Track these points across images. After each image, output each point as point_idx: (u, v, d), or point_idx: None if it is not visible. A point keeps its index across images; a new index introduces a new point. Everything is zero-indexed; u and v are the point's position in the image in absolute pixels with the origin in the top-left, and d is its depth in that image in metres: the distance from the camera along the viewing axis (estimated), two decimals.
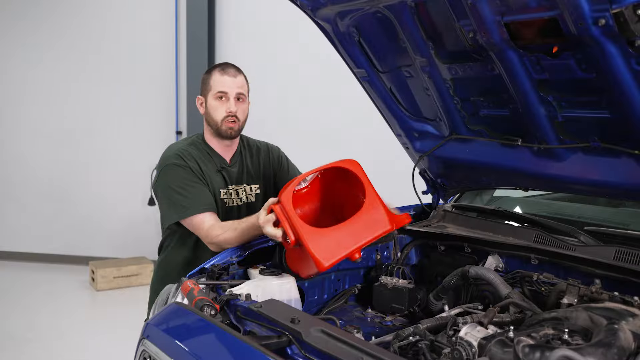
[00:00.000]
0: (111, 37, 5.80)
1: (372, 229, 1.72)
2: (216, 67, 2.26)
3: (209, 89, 2.23)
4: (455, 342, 1.29)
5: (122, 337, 3.95)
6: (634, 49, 1.34)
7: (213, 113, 2.22)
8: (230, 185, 2.28)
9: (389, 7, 1.78)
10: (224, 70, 2.22)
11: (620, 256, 1.65)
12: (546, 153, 1.85)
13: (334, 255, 1.64)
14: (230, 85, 2.20)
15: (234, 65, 2.28)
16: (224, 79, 2.20)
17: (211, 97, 2.22)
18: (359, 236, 1.69)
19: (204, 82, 2.27)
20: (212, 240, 2.04)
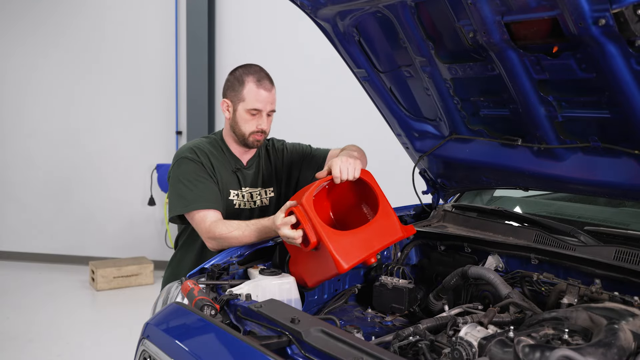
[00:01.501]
0: (111, 37, 5.80)
1: (385, 235, 1.77)
2: (250, 75, 2.14)
3: (241, 98, 2.13)
4: (455, 342, 1.29)
5: (122, 337, 3.97)
6: (634, 49, 1.34)
7: (242, 124, 2.16)
8: (244, 187, 2.25)
9: (389, 7, 1.78)
10: (260, 83, 2.13)
11: (620, 256, 1.65)
12: (546, 153, 1.85)
13: (353, 258, 1.67)
14: (266, 101, 2.13)
15: (267, 74, 2.18)
16: (259, 93, 2.12)
17: (243, 109, 2.14)
18: (374, 241, 1.74)
19: (233, 88, 2.16)
20: (213, 236, 1.99)
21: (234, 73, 2.19)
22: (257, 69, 2.18)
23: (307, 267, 1.81)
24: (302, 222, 1.68)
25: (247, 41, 5.48)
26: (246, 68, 2.18)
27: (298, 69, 5.22)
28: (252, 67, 2.18)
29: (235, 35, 5.52)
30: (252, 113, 2.13)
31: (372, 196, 1.85)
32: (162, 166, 5.71)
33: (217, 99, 5.64)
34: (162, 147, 5.80)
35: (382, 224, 1.78)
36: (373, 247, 1.73)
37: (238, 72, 2.18)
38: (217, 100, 5.64)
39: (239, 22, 5.51)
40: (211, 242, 2.02)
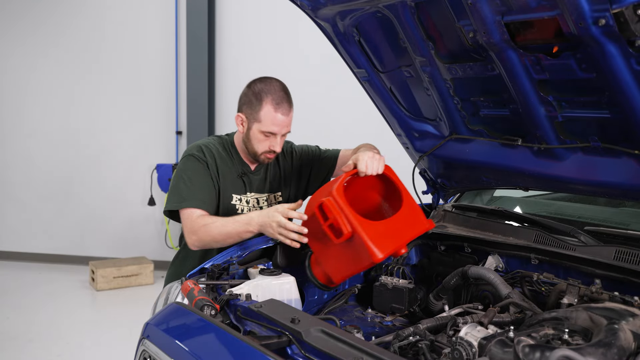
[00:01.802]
0: (111, 37, 5.80)
1: (413, 227, 1.79)
2: (269, 95, 2.07)
3: (257, 119, 2.08)
4: (456, 342, 1.29)
5: (122, 337, 3.97)
6: (634, 49, 1.34)
7: (255, 143, 2.12)
8: (249, 192, 2.22)
9: (389, 7, 1.78)
10: (279, 106, 2.06)
11: (620, 256, 1.65)
12: (546, 153, 1.85)
13: (387, 247, 1.66)
14: (282, 125, 2.08)
15: (286, 94, 2.11)
16: (276, 117, 2.06)
17: (257, 129, 2.08)
18: (404, 232, 1.75)
19: (250, 105, 2.09)
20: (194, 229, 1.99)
21: (253, 88, 2.11)
22: (277, 86, 2.10)
23: (334, 262, 1.78)
24: (335, 213, 1.65)
25: (247, 41, 5.48)
26: (266, 85, 2.10)
27: (298, 69, 5.22)
28: (272, 85, 2.10)
29: (235, 36, 5.53)
30: (266, 135, 2.09)
31: (392, 192, 1.87)
32: (162, 166, 5.71)
33: (217, 99, 5.64)
34: (162, 147, 5.80)
35: (409, 215, 1.78)
36: (403, 238, 1.73)
37: (257, 89, 2.09)
38: (217, 100, 5.64)
39: (239, 23, 5.51)
40: (192, 237, 2.01)
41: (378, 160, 1.84)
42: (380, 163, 1.84)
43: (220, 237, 1.96)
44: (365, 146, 2.22)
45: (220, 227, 1.95)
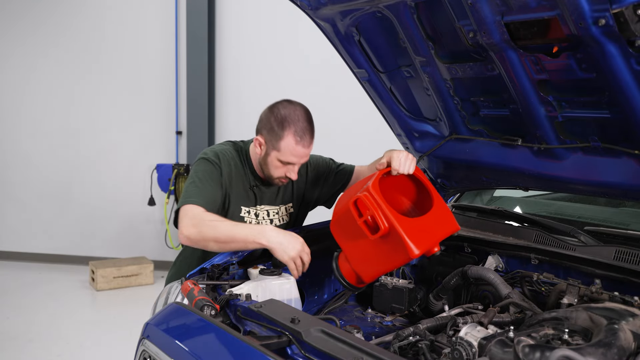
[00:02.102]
0: (111, 37, 5.80)
1: (445, 226, 1.77)
2: (292, 125, 1.96)
3: (277, 147, 1.99)
4: (455, 342, 1.29)
5: (122, 337, 3.97)
6: (634, 49, 1.34)
7: (271, 168, 2.05)
8: (259, 204, 2.16)
9: (389, 7, 1.78)
10: (301, 139, 1.97)
11: (620, 256, 1.65)
12: (546, 153, 1.85)
13: (423, 244, 1.64)
14: (302, 156, 2.01)
15: (310, 125, 2.01)
16: (297, 150, 1.98)
17: (275, 157, 2.01)
18: (437, 230, 1.73)
19: (271, 131, 1.99)
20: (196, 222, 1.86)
21: (276, 114, 1.99)
22: (302, 115, 1.99)
23: (366, 260, 1.75)
24: (373, 208, 1.63)
25: (247, 41, 5.48)
26: (290, 112, 1.99)
27: (298, 69, 5.22)
28: (297, 113, 1.99)
29: (235, 36, 5.53)
30: (284, 163, 2.02)
31: (420, 193, 1.87)
32: (162, 166, 5.71)
33: (217, 99, 5.64)
34: (162, 147, 5.80)
35: (440, 215, 1.77)
36: (436, 236, 1.72)
37: (280, 115, 1.98)
38: (217, 100, 5.64)
39: (239, 22, 5.51)
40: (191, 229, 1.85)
41: (411, 160, 1.84)
42: (412, 163, 1.83)
43: (224, 237, 1.83)
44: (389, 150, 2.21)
45: (230, 227, 1.84)
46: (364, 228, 1.66)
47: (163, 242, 5.81)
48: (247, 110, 5.51)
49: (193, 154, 5.60)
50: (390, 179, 1.84)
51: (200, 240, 1.85)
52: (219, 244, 1.85)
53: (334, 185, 2.32)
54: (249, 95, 5.47)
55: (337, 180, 2.32)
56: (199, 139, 5.56)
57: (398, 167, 1.81)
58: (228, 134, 5.60)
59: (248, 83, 5.48)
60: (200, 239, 1.85)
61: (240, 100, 5.54)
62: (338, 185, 2.33)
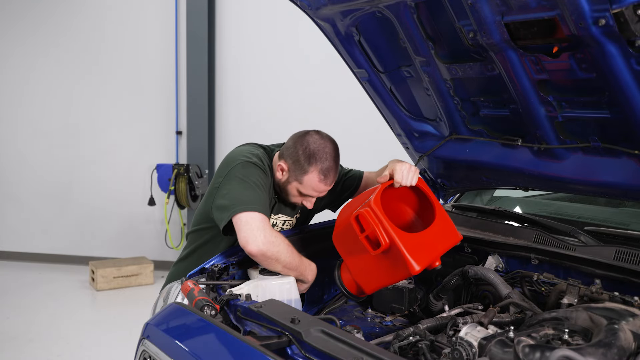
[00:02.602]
0: (111, 37, 5.80)
1: (447, 239, 1.78)
2: (319, 164, 1.93)
3: (299, 180, 1.97)
4: (456, 342, 1.29)
5: (122, 337, 3.97)
6: (634, 49, 1.34)
7: (289, 196, 2.04)
8: (276, 214, 2.15)
9: (389, 7, 1.78)
10: (325, 177, 1.95)
11: (620, 256, 1.65)
12: (546, 153, 1.85)
13: (423, 260, 1.65)
14: (321, 192, 2.02)
15: (336, 162, 1.98)
16: (319, 187, 1.97)
17: (295, 187, 1.99)
18: (438, 245, 1.74)
19: (296, 162, 1.95)
20: (274, 239, 1.80)
21: (304, 147, 1.95)
22: (330, 153, 1.96)
23: (368, 273, 1.77)
24: (373, 224, 1.63)
25: (247, 41, 5.48)
26: (319, 148, 1.95)
27: (298, 69, 5.22)
28: (326, 150, 1.95)
29: (235, 36, 5.53)
30: (302, 195, 2.02)
31: (423, 204, 1.87)
32: (162, 166, 5.71)
33: (217, 99, 5.64)
34: (162, 147, 5.80)
35: (442, 228, 1.78)
36: (438, 250, 1.72)
37: (309, 149, 1.94)
38: (217, 100, 5.64)
39: (239, 22, 5.51)
40: (270, 246, 1.78)
41: (414, 172, 1.84)
42: (415, 175, 1.84)
43: (292, 265, 1.82)
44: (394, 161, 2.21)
45: (298, 259, 1.85)
46: (366, 243, 1.66)
47: (163, 242, 5.81)
48: (247, 110, 5.52)
49: (193, 154, 5.60)
50: (393, 189, 1.85)
51: (272, 259, 1.79)
52: (281, 268, 1.82)
53: (342, 192, 2.31)
54: (249, 95, 5.47)
55: (346, 187, 2.31)
56: (199, 139, 5.56)
57: (400, 180, 1.81)
58: (228, 134, 5.60)
59: (248, 83, 5.48)
60: (272, 258, 1.79)
61: (240, 100, 5.54)
62: (346, 192, 2.32)
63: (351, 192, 2.32)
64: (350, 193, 2.32)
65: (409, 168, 1.83)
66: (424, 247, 1.67)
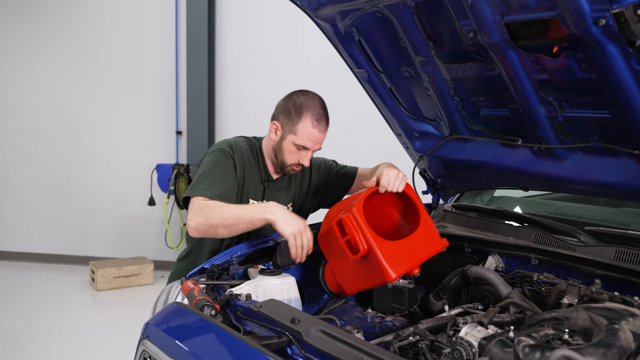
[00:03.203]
0: (111, 37, 5.80)
1: (428, 247, 1.80)
2: (309, 110, 2.05)
3: (293, 131, 2.07)
4: (456, 342, 1.29)
5: (122, 337, 3.97)
6: (634, 49, 1.34)
7: (285, 154, 2.11)
8: (267, 199, 2.19)
9: (389, 7, 1.78)
10: (318, 123, 2.06)
11: (620, 256, 1.65)
12: (546, 153, 1.85)
13: (401, 267, 1.68)
14: (316, 141, 2.08)
15: (326, 112, 2.10)
16: (313, 133, 2.06)
17: (291, 141, 2.08)
18: (418, 252, 1.76)
19: (288, 116, 2.07)
20: (206, 210, 1.88)
21: (294, 100, 2.08)
22: (318, 102, 2.09)
23: (348, 276, 1.80)
24: (353, 230, 1.68)
25: (247, 41, 5.48)
26: (307, 98, 2.08)
27: (298, 69, 5.22)
28: (314, 100, 2.09)
29: (235, 36, 5.53)
30: (298, 148, 2.08)
31: (410, 209, 1.89)
32: (162, 166, 5.71)
33: (217, 99, 5.64)
34: (162, 147, 5.80)
35: (425, 235, 1.81)
36: (417, 258, 1.75)
37: (298, 101, 2.07)
38: (217, 100, 5.64)
39: (239, 22, 5.51)
40: (199, 219, 1.88)
41: (401, 178, 1.87)
42: (402, 182, 1.87)
43: (232, 220, 1.86)
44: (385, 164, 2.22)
45: (235, 209, 1.88)
46: (346, 248, 1.71)
47: (163, 242, 5.81)
48: (247, 110, 5.52)
49: (193, 154, 5.60)
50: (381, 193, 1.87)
51: (209, 228, 1.88)
52: (227, 228, 1.88)
53: (336, 189, 2.35)
54: (249, 95, 5.47)
55: (340, 184, 2.35)
56: (199, 139, 5.56)
57: (386, 185, 1.84)
58: (228, 134, 5.59)
59: (248, 83, 5.48)
60: (208, 227, 1.88)
61: (240, 100, 5.54)
62: (341, 188, 2.35)
63: (345, 189, 2.35)
64: (345, 189, 2.35)
65: (397, 175, 1.86)
66: (403, 254, 1.71)
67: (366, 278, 1.74)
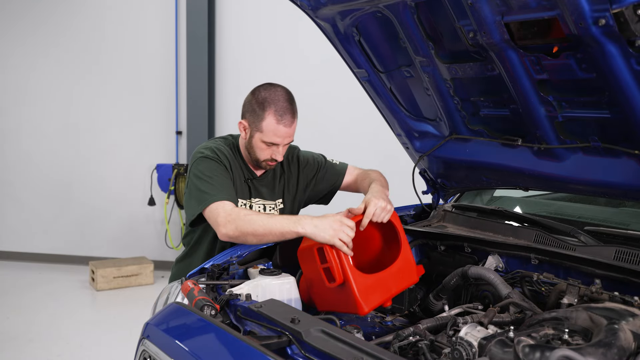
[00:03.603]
0: (111, 37, 5.80)
1: (403, 280, 1.83)
2: (272, 105, 2.01)
3: (259, 129, 2.03)
4: (456, 342, 1.29)
5: (122, 337, 3.97)
6: (634, 49, 1.34)
7: (257, 151, 2.08)
8: (254, 198, 2.18)
9: (389, 7, 1.78)
10: (281, 118, 2.01)
11: (620, 256, 1.65)
12: (546, 153, 1.85)
13: (373, 301, 1.72)
14: (284, 136, 2.04)
15: (291, 104, 2.04)
16: (278, 129, 2.01)
17: (259, 138, 2.05)
18: (392, 286, 1.79)
19: (253, 113, 2.04)
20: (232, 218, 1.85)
21: (257, 96, 2.05)
22: (281, 96, 2.03)
23: (321, 296, 1.81)
24: (333, 260, 1.70)
25: (247, 41, 5.48)
26: (270, 93, 2.03)
27: (298, 69, 5.22)
28: (277, 94, 2.03)
29: (235, 36, 5.53)
30: (267, 144, 2.06)
31: (393, 236, 1.89)
32: (162, 166, 5.71)
33: (217, 99, 5.64)
34: (162, 147, 5.80)
35: (402, 268, 1.82)
36: (390, 291, 1.77)
37: (261, 97, 2.03)
38: (217, 100, 5.64)
39: (239, 22, 5.51)
40: (229, 226, 1.86)
41: (387, 212, 1.86)
42: (388, 215, 1.86)
43: (262, 229, 1.82)
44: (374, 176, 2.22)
45: (266, 220, 1.83)
46: (323, 275, 1.73)
47: (163, 242, 5.81)
48: None
49: None
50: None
51: (240, 236, 1.86)
52: (257, 237, 1.85)
53: (324, 185, 2.33)
54: None
55: (327, 181, 2.32)
56: (199, 139, 5.56)
57: (370, 216, 1.83)
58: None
59: (248, 83, 5.41)
60: (239, 235, 1.86)
61: (240, 100, 5.52)
62: (328, 186, 2.33)
63: (334, 186, 2.34)
64: (333, 187, 2.34)
65: (383, 207, 1.84)
66: (378, 288, 1.73)
67: (338, 305, 1.76)
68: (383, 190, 2.03)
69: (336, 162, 2.37)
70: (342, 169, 2.35)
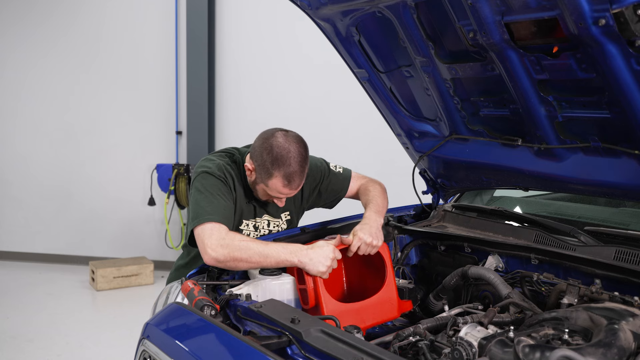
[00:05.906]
0: (111, 37, 5.80)
1: (381, 313, 1.82)
2: (282, 169, 1.90)
3: (265, 182, 1.95)
4: (456, 342, 1.29)
5: (122, 337, 3.97)
6: (634, 49, 1.34)
7: (259, 194, 2.04)
8: (259, 216, 2.14)
9: (389, 7, 1.78)
10: (289, 183, 1.93)
11: (620, 256, 1.65)
12: (546, 153, 1.85)
13: None
14: (288, 194, 2.00)
15: (302, 170, 1.94)
16: (284, 191, 1.96)
17: (263, 188, 1.99)
18: (368, 317, 1.79)
19: (262, 166, 1.93)
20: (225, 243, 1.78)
21: (271, 150, 1.91)
22: (295, 157, 1.91)
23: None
24: (308, 284, 1.73)
25: (247, 41, 5.48)
26: (284, 152, 1.91)
27: (297, 69, 5.22)
28: (290, 154, 1.91)
29: (235, 35, 5.52)
30: (271, 195, 2.01)
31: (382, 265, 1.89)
32: (162, 166, 5.71)
33: (217, 99, 5.64)
34: (162, 147, 5.80)
35: (382, 301, 1.82)
36: (364, 323, 1.76)
37: (274, 154, 1.91)
38: (217, 100, 5.64)
39: (239, 22, 5.51)
40: (220, 250, 1.77)
41: (373, 247, 1.85)
42: (374, 249, 1.86)
43: (257, 257, 1.77)
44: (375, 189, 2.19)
45: (261, 248, 1.78)
46: (299, 294, 1.77)
47: (163, 242, 5.81)
48: (247, 110, 5.52)
49: (193, 154, 5.60)
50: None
51: (230, 261, 1.77)
52: (250, 264, 1.79)
53: (328, 194, 2.28)
54: (249, 95, 5.47)
55: (332, 190, 2.27)
56: (199, 139, 5.56)
57: (354, 250, 1.83)
58: (228, 134, 5.60)
59: (248, 83, 5.48)
60: (229, 260, 1.77)
61: (240, 100, 5.54)
62: (333, 195, 2.28)
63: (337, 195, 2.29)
64: (337, 196, 2.29)
65: (368, 243, 1.84)
66: (351, 317, 1.73)
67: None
68: (375, 218, 1.98)
69: (340, 170, 2.28)
70: (345, 179, 2.27)
